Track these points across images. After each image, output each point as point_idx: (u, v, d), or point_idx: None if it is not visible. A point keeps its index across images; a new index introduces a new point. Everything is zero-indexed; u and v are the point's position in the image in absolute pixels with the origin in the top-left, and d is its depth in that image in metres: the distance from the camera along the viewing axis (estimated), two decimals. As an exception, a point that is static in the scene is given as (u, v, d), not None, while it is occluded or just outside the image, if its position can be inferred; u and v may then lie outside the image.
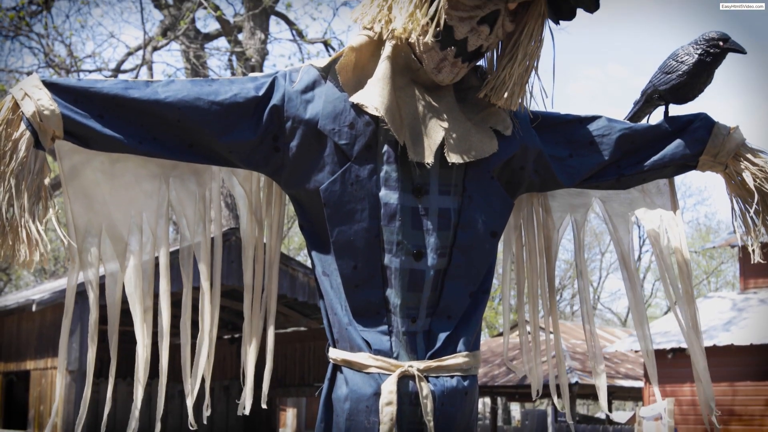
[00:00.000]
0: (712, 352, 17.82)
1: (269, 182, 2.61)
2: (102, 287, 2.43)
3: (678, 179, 3.01)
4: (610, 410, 25.41)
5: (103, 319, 2.57)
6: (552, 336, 2.96)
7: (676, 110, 2.81)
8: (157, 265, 2.49)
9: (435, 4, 2.31)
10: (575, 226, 2.93)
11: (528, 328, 2.93)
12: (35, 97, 2.24)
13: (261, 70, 15.16)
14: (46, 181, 2.31)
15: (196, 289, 2.56)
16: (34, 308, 14.47)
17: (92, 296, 2.43)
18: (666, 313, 34.13)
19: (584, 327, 2.98)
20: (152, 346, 2.49)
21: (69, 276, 2.41)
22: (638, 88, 2.84)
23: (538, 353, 2.94)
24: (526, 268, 2.91)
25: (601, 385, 2.91)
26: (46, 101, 2.24)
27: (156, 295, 2.47)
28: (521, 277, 2.94)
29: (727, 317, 19.80)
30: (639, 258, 35.23)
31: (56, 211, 2.33)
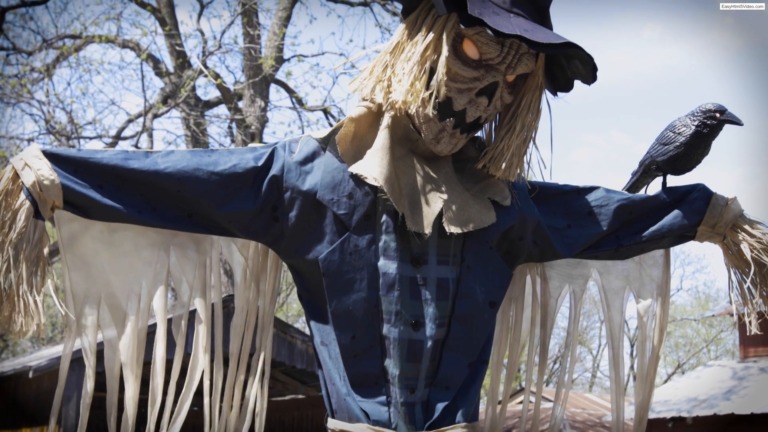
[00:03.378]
0: (713, 421, 17.71)
1: (265, 249, 2.61)
2: (99, 354, 2.42)
3: (677, 246, 3.06)
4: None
5: (101, 386, 2.55)
6: (553, 404, 2.95)
7: (674, 180, 2.82)
8: (153, 332, 2.48)
9: (434, 76, 2.33)
10: (573, 297, 2.92)
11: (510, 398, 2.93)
12: (35, 168, 2.24)
13: (261, 138, 15.26)
14: (45, 250, 2.31)
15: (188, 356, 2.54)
16: (30, 375, 14.37)
17: (89, 363, 2.42)
18: (666, 381, 33.95)
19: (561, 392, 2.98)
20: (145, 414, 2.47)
21: (65, 343, 2.39)
22: (640, 156, 2.87)
23: (501, 422, 2.93)
24: (510, 337, 2.90)
25: None
26: (46, 171, 2.25)
27: (147, 363, 2.45)
28: (514, 347, 2.92)
29: (727, 386, 19.70)
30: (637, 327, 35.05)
31: (54, 280, 2.33)
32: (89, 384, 2.41)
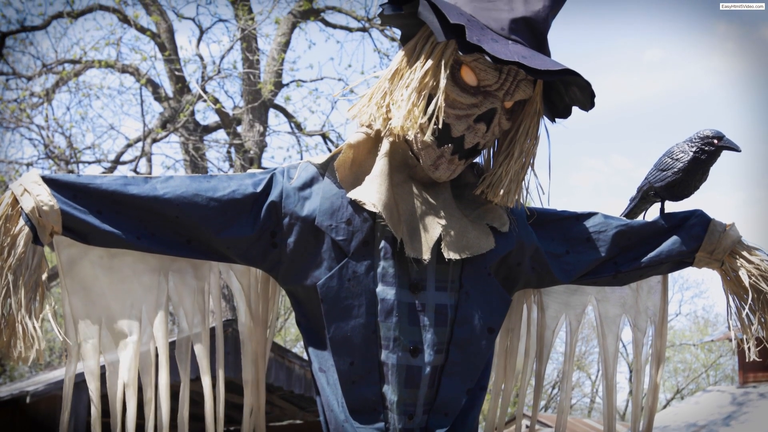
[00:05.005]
0: (713, 447, 17.62)
1: (265, 276, 2.61)
2: (102, 377, 2.42)
3: (676, 272, 3.08)
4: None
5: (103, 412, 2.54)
6: (551, 431, 2.96)
7: (672, 206, 2.82)
8: (156, 356, 2.48)
9: (433, 102, 2.33)
10: (569, 327, 2.93)
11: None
12: (34, 193, 2.25)
13: (260, 162, 15.24)
14: (44, 276, 2.31)
15: (194, 381, 2.54)
16: (28, 400, 14.30)
17: (93, 387, 2.41)
18: (665, 407, 33.84)
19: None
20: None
21: (66, 368, 2.39)
22: (641, 180, 2.87)
23: None
24: (507, 365, 2.90)
25: None
26: (46, 197, 2.25)
27: (155, 387, 2.45)
28: (510, 375, 2.92)
29: (726, 411, 19.65)
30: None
31: (53, 306, 2.33)
32: (93, 410, 2.41)
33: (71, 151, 15.17)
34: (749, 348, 2.71)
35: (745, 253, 2.74)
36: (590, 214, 2.73)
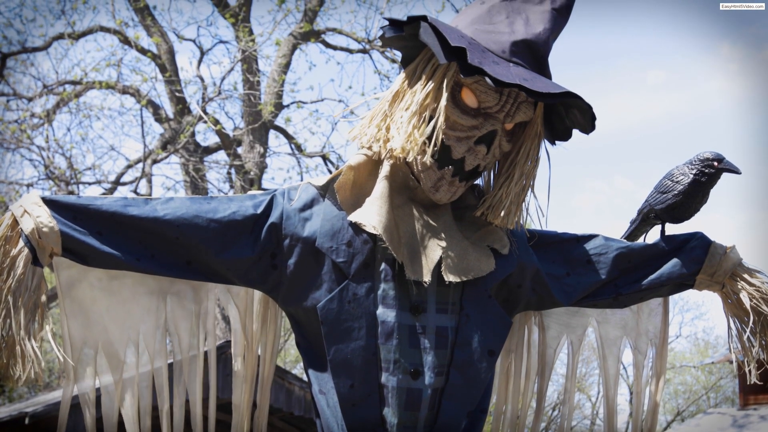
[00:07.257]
0: (713, 469, 17.56)
1: (265, 300, 2.60)
2: (98, 399, 2.41)
3: (676, 294, 3.07)
4: None
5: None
6: None
7: (672, 229, 2.82)
8: (152, 379, 2.48)
9: (432, 124, 2.33)
10: (571, 348, 2.92)
11: None
12: (34, 215, 2.25)
13: (260, 184, 15.21)
14: (43, 297, 2.31)
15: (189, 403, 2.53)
16: (27, 421, 14.25)
17: (88, 415, 2.41)
18: (665, 429, 33.76)
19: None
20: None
21: (64, 390, 2.39)
22: (642, 202, 2.87)
23: None
24: (510, 387, 2.89)
25: None
26: (45, 218, 2.25)
27: (155, 408, 2.45)
28: (514, 397, 2.91)
29: (727, 434, 19.59)
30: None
31: (51, 327, 2.32)
32: None
33: (71, 172, 15.16)
34: (750, 370, 2.71)
35: (746, 276, 2.73)
36: (591, 236, 2.72)
